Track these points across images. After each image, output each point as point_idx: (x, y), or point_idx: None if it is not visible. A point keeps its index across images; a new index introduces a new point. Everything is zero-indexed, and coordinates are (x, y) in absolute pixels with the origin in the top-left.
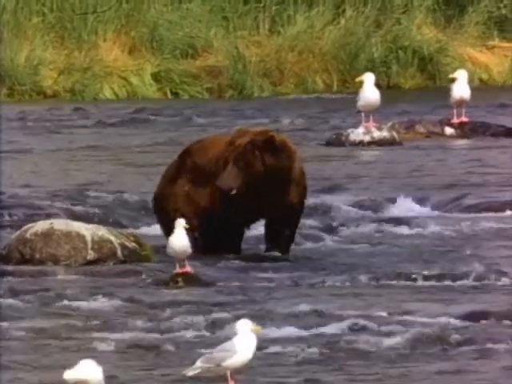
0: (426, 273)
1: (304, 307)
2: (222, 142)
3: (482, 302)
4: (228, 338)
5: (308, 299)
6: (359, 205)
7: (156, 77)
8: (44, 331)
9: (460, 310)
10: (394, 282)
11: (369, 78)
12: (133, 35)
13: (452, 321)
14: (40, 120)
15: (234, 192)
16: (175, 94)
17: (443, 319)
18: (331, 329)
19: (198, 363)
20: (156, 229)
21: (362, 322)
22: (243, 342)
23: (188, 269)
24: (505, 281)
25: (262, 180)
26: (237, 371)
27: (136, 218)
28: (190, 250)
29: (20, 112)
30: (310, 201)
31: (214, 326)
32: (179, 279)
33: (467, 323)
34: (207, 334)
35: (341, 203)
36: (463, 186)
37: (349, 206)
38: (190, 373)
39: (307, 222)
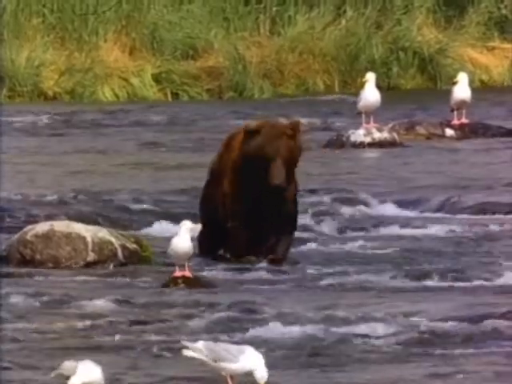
0: (425, 273)
1: (303, 308)
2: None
3: (481, 303)
4: (242, 343)
5: (307, 300)
6: (359, 206)
7: (156, 78)
8: (44, 332)
9: (459, 310)
10: (392, 283)
11: (371, 79)
12: (133, 36)
13: (451, 322)
14: (40, 121)
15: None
16: (175, 95)
17: (443, 320)
18: (331, 329)
19: (201, 346)
20: (156, 230)
21: (361, 323)
22: (250, 356)
23: (187, 273)
24: (505, 281)
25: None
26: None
27: (137, 220)
28: (191, 253)
29: (21, 113)
30: (311, 201)
31: (214, 327)
32: (179, 281)
33: (467, 324)
34: (207, 335)
35: (340, 204)
36: (464, 187)
37: (348, 207)
38: (188, 353)
39: (307, 223)
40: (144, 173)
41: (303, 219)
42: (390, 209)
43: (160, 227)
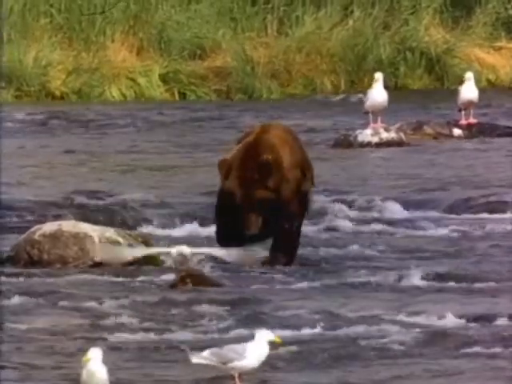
0: (431, 274)
1: (306, 308)
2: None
3: (482, 303)
4: (241, 341)
5: (310, 300)
6: (366, 205)
7: (164, 78)
8: (52, 332)
9: (460, 311)
10: (395, 283)
11: (379, 79)
12: (141, 36)
13: (453, 322)
14: (47, 121)
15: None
16: (183, 95)
17: (444, 320)
18: (332, 330)
19: (207, 354)
20: (163, 230)
21: (362, 322)
22: (254, 350)
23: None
24: (506, 282)
25: None
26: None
27: (144, 220)
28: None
29: (28, 113)
30: (317, 201)
31: (222, 326)
32: (187, 280)
33: (468, 324)
34: (215, 335)
35: (348, 204)
36: (470, 186)
37: (355, 206)
38: (196, 360)
39: (312, 224)
40: (148, 173)
41: (308, 219)
42: (397, 209)
43: (167, 227)
